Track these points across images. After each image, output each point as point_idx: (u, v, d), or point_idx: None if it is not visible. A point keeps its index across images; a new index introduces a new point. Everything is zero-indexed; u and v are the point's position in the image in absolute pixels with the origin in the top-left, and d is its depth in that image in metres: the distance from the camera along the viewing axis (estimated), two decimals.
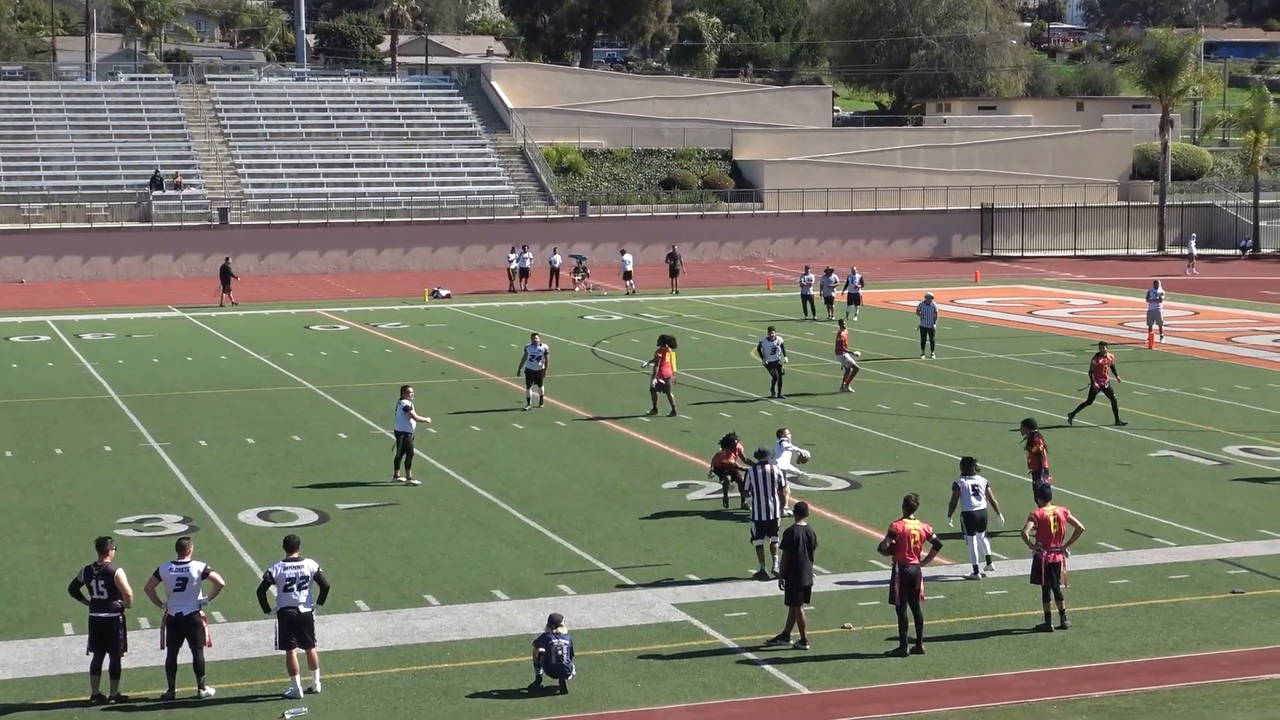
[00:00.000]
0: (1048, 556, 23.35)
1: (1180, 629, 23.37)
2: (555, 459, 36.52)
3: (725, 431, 39.45)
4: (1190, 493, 32.46)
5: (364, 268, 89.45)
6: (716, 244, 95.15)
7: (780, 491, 26.35)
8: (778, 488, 26.20)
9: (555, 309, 69.51)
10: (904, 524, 22.72)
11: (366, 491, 33.14)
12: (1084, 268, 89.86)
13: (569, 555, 27.93)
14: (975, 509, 26.21)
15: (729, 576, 26.30)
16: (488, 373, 50.18)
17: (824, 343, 56.55)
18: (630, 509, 31.44)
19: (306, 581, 21.08)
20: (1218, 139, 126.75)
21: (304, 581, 21.06)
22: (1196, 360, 51.77)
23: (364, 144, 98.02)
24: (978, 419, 41.00)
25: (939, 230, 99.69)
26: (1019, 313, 66.61)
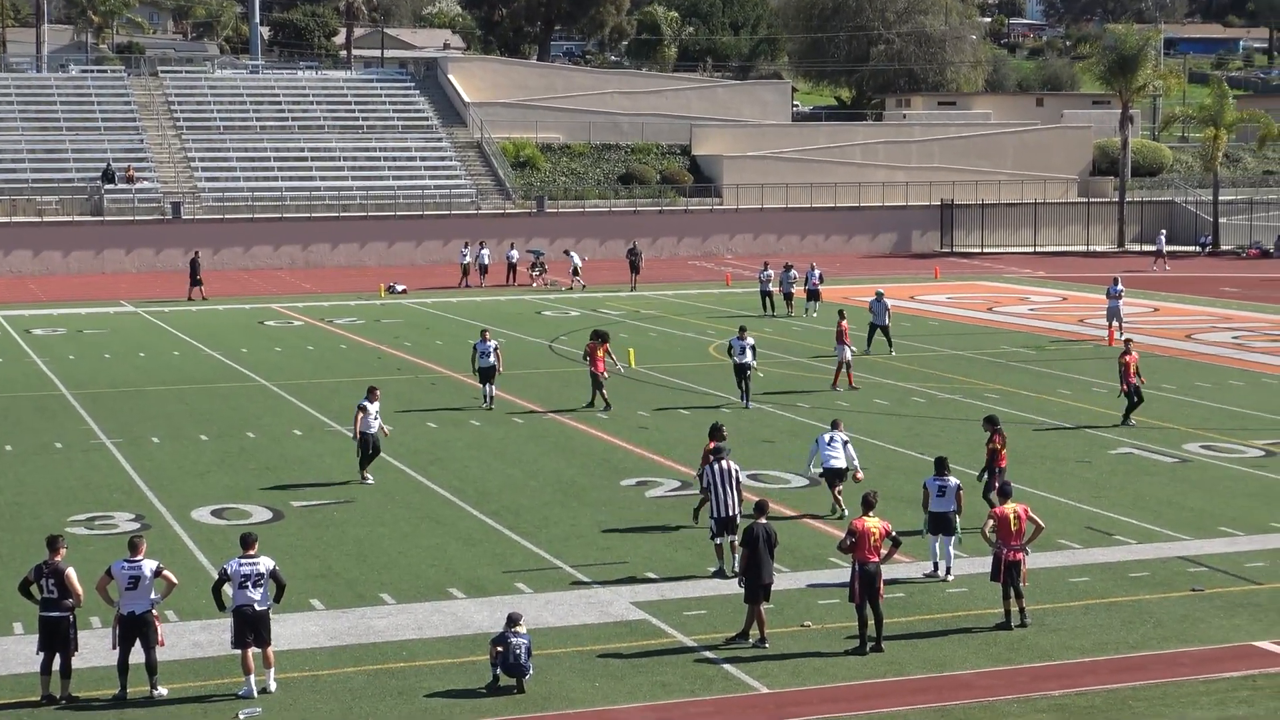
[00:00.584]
0: (1008, 554, 23.43)
1: (1140, 627, 23.47)
2: (512, 456, 36.47)
3: (686, 428, 39.48)
4: (1150, 490, 32.61)
5: (319, 263, 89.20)
6: (675, 240, 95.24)
7: (740, 488, 26.32)
8: (737, 484, 26.19)
9: (512, 305, 69.42)
10: (863, 522, 22.73)
11: (321, 489, 33.03)
12: (1044, 264, 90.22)
13: (526, 553, 27.89)
14: (941, 510, 26.24)
15: (688, 575, 26.29)
16: (444, 369, 50.08)
17: (783, 339, 56.67)
18: (588, 506, 31.42)
19: (262, 579, 20.98)
20: (1177, 135, 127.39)
21: (259, 579, 20.96)
22: (1156, 357, 52.00)
23: (319, 137, 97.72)
24: (937, 416, 41.10)
25: (899, 226, 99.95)
26: (979, 309, 66.83)
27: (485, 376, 42.44)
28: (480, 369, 42.42)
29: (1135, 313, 62.11)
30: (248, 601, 20.91)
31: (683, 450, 36.80)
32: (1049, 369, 49.47)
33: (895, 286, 76.39)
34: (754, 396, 43.59)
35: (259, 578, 20.97)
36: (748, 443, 36.94)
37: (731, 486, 26.02)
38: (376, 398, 34.00)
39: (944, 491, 26.21)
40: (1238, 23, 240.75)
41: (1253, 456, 36.07)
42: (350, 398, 44.50)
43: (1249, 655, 22.21)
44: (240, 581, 20.95)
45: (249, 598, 20.91)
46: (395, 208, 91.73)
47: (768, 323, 61.75)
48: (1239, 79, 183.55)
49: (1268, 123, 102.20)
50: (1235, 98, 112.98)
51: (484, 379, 42.52)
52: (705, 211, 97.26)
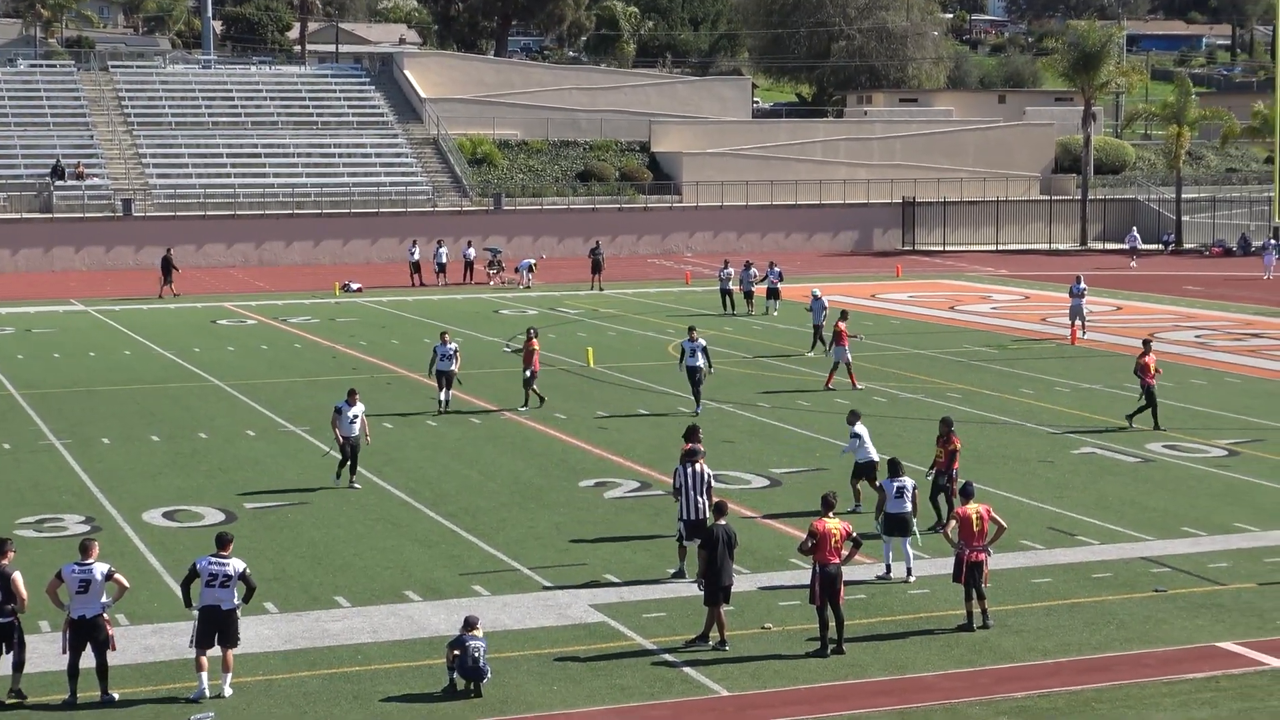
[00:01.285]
0: (970, 555, 23.50)
1: (1103, 628, 23.56)
2: (469, 457, 36.42)
3: (645, 429, 39.51)
4: (1113, 490, 32.75)
5: (273, 260, 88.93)
6: (634, 237, 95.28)
7: (710, 492, 26.27)
8: (708, 488, 26.07)
9: (469, 304, 69.34)
10: (824, 523, 22.73)
11: (275, 490, 32.93)
12: (1006, 262, 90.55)
13: (483, 555, 27.86)
14: (898, 510, 26.28)
15: (647, 577, 26.29)
16: (400, 369, 50.00)
17: (744, 338, 56.73)
18: (546, 508, 31.39)
19: (231, 580, 20.98)
20: (1140, 133, 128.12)
21: (228, 580, 20.96)
22: (1119, 356, 52.22)
23: (272, 134, 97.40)
24: (899, 415, 41.19)
25: (860, 224, 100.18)
26: (940, 308, 67.03)
27: (443, 380, 41.91)
28: (439, 372, 41.80)
29: (1098, 311, 62.37)
30: (214, 602, 20.91)
31: (641, 450, 36.82)
32: (1011, 368, 49.66)
33: (856, 285, 76.58)
34: (717, 396, 43.61)
35: (227, 579, 20.96)
36: (707, 443, 36.90)
37: (702, 490, 25.88)
38: (357, 401, 33.31)
39: (901, 493, 26.30)
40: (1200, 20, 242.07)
41: (1216, 456, 36.26)
42: (304, 398, 44.43)
43: (1212, 656, 22.32)
44: (208, 580, 20.95)
45: (215, 597, 20.91)
46: (350, 205, 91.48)
47: (728, 321, 61.81)
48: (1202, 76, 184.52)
49: (1230, 120, 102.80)
50: (1198, 95, 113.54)
51: (442, 383, 41.99)
52: (665, 209, 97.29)
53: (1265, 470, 34.66)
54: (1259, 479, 33.79)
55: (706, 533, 23.13)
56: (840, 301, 67.90)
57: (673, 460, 34.94)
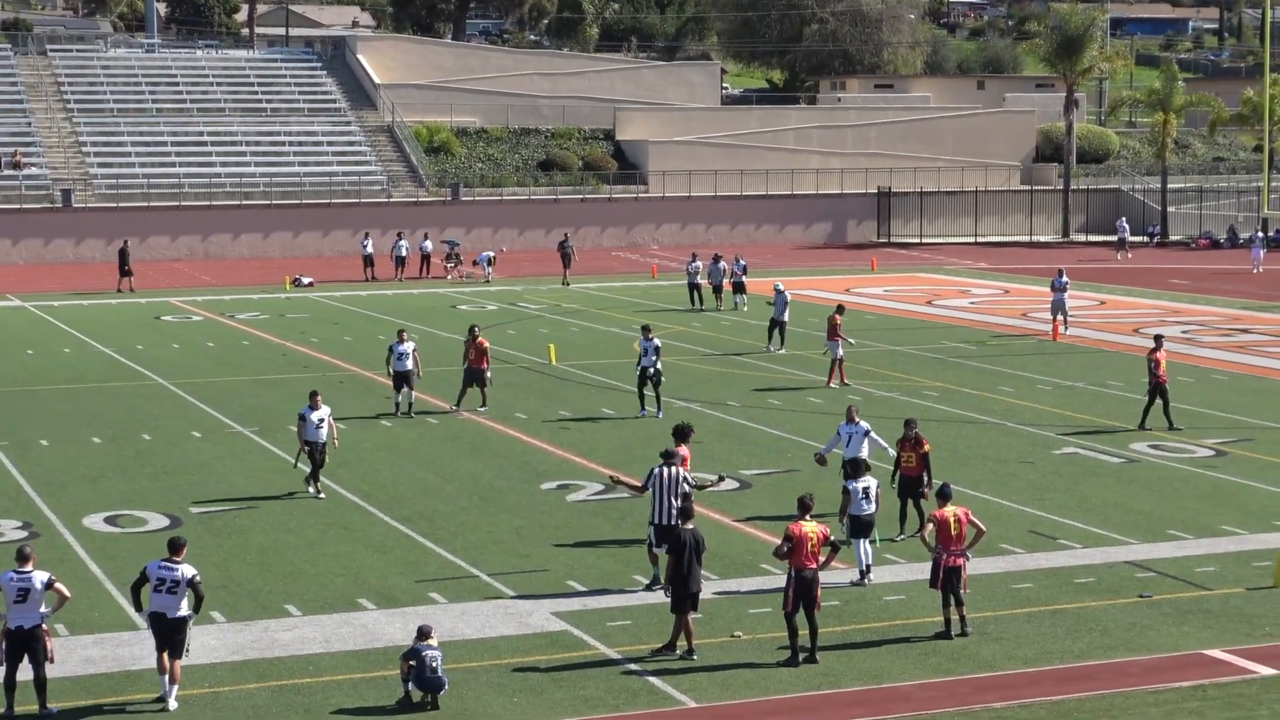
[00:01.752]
0: (947, 560, 23.55)
1: (1086, 635, 23.65)
2: (426, 458, 36.38)
3: (609, 429, 39.51)
4: (1096, 492, 32.86)
5: (219, 254, 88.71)
6: (598, 229, 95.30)
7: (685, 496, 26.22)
8: (680, 492, 25.99)
9: (426, 298, 69.27)
10: (800, 526, 22.74)
11: (222, 494, 32.84)
12: (985, 255, 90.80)
13: (441, 561, 27.83)
14: (864, 512, 26.35)
15: (612, 583, 26.30)
16: (353, 366, 49.93)
17: (712, 334, 56.77)
18: (506, 511, 31.38)
19: (178, 587, 20.97)
20: (1124, 120, 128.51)
21: (175, 585, 20.95)
22: (1103, 353, 52.45)
23: (219, 121, 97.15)
24: (874, 415, 41.19)
25: (833, 215, 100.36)
26: (918, 302, 67.18)
27: (401, 381, 41.31)
28: (396, 372, 41.24)
29: (1081, 305, 62.58)
30: (160, 608, 20.94)
31: (605, 451, 36.83)
32: (991, 365, 49.81)
33: (830, 279, 76.69)
34: (684, 395, 43.67)
35: (175, 584, 20.94)
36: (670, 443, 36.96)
37: (675, 494, 25.72)
38: (320, 403, 32.89)
39: (867, 494, 26.39)
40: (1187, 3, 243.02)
41: (1202, 456, 36.41)
42: (252, 398, 44.34)
43: (1198, 664, 22.42)
44: (155, 585, 20.99)
45: (161, 604, 20.93)
46: (301, 195, 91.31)
47: (696, 317, 61.85)
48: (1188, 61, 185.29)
49: (1218, 107, 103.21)
50: (1184, 81, 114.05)
51: (399, 383, 41.41)
52: (630, 200, 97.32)
53: (1253, 471, 34.83)
54: (1247, 480, 33.95)
55: (673, 537, 23.14)
56: (813, 296, 67.94)
57: (638, 462, 35.01)
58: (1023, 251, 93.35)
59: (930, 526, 23.79)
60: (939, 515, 23.77)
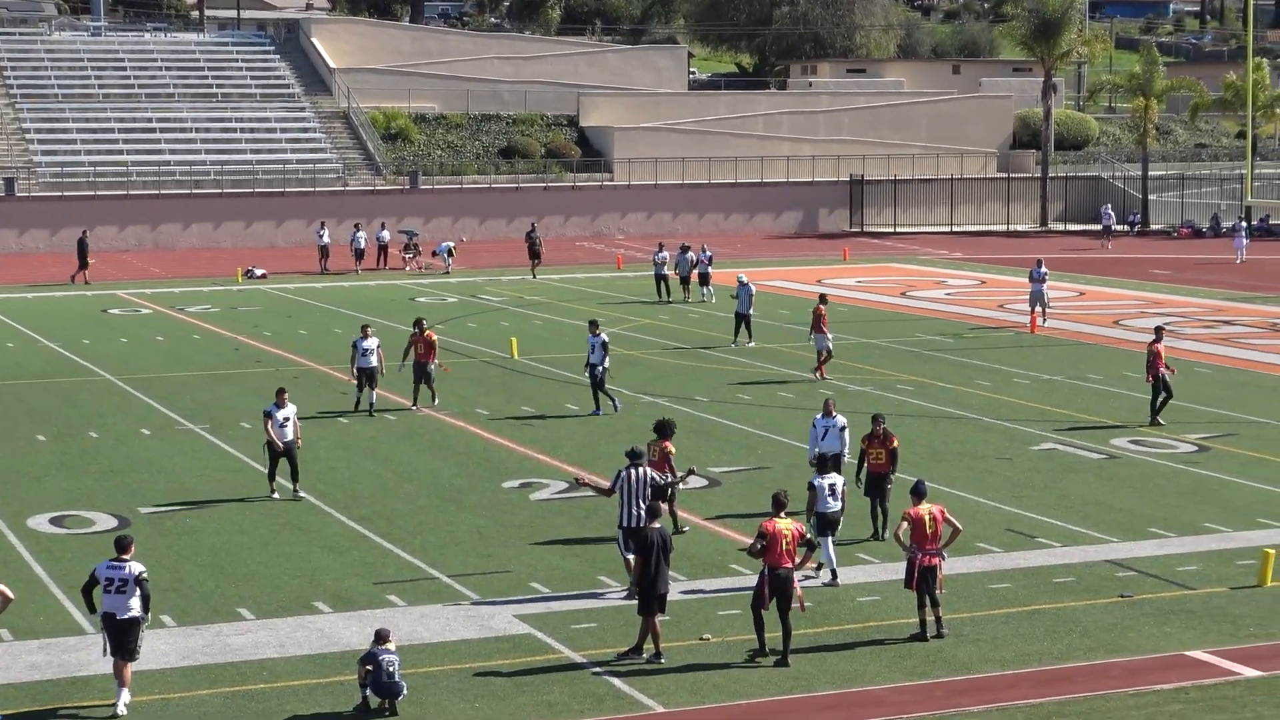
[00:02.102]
0: (923, 559, 23.58)
1: (1065, 636, 23.71)
2: (383, 456, 36.32)
3: (574, 425, 39.47)
4: (1075, 489, 32.95)
5: (169, 244, 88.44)
6: (562, 219, 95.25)
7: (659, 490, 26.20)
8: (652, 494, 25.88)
9: (384, 290, 69.16)
10: (775, 523, 22.83)
11: (172, 493, 32.75)
12: (961, 245, 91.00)
13: (399, 563, 27.79)
14: (830, 510, 26.41)
15: (577, 585, 26.29)
16: (308, 361, 49.82)
17: (679, 327, 56.79)
18: (467, 511, 31.36)
19: (127, 585, 21.02)
20: (1104, 105, 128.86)
21: (124, 585, 21.01)
22: (1082, 345, 52.60)
23: (168, 107, 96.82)
24: (847, 410, 41.21)
25: (804, 204, 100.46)
26: (891, 294, 67.29)
27: (365, 379, 40.88)
28: (360, 369, 40.73)
29: (1059, 297, 62.74)
30: (110, 608, 21.00)
31: (570, 449, 36.82)
32: (967, 359, 49.92)
33: (801, 269, 76.77)
34: (651, 389, 43.66)
35: (123, 583, 20.99)
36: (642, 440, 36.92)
37: (644, 497, 25.63)
38: (286, 401, 32.56)
39: (834, 491, 26.45)
40: None
41: (1185, 452, 36.54)
42: (204, 394, 44.22)
43: (1181, 665, 22.50)
44: (105, 585, 21.05)
45: (111, 604, 20.99)
46: (254, 184, 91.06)
47: (663, 309, 61.85)
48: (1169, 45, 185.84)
49: (1200, 91, 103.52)
50: (1166, 65, 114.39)
51: (363, 382, 40.95)
52: (594, 188, 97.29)
53: (1237, 466, 34.96)
54: (1230, 476, 34.08)
55: (640, 537, 23.14)
56: (783, 288, 68.00)
57: (603, 459, 35.00)
58: (1000, 241, 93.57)
59: (905, 525, 23.81)
60: (914, 513, 23.80)
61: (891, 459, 28.94)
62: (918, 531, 23.67)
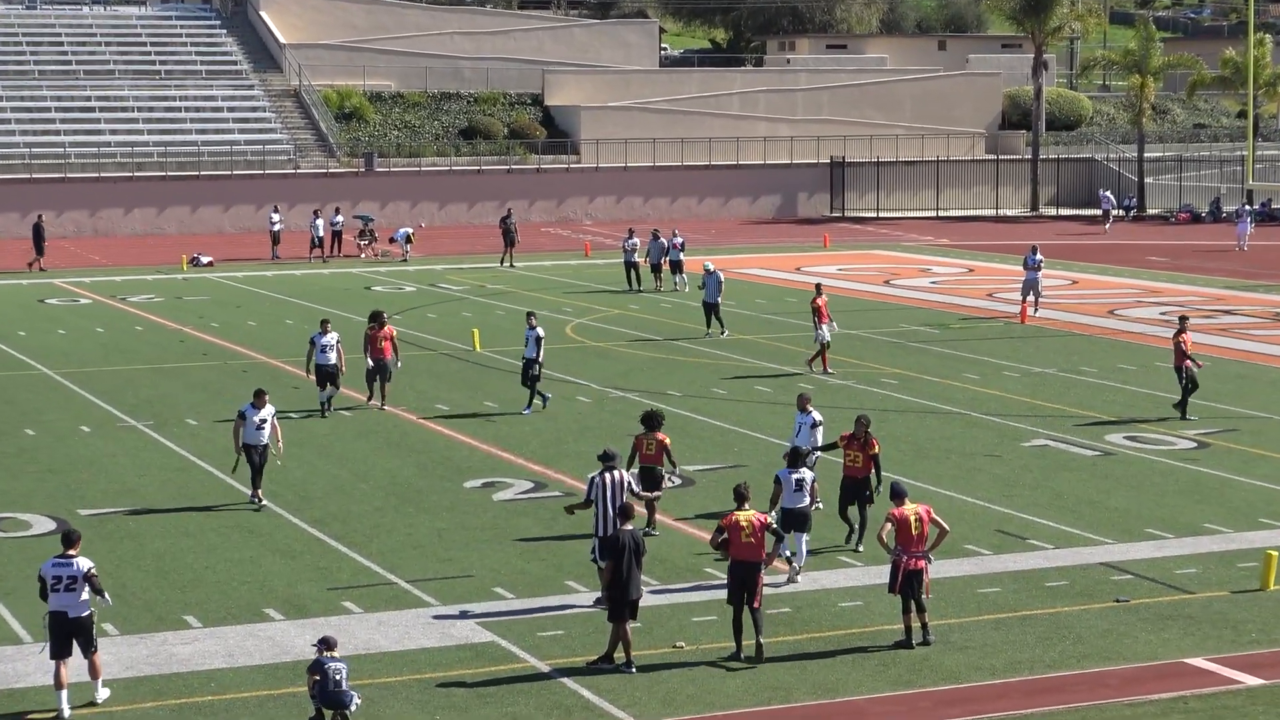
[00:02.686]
0: (908, 562, 23.61)
1: (1058, 643, 23.78)
2: (338, 455, 36.27)
3: (540, 421, 39.43)
4: (1069, 487, 33.03)
5: (110, 230, 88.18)
6: (526, 203, 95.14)
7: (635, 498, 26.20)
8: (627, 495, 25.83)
9: (338, 279, 69.03)
10: (734, 516, 23.22)
11: (114, 494, 32.67)
12: (947, 230, 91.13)
13: (355, 567, 27.77)
14: (798, 505, 26.53)
15: (543, 590, 26.29)
16: (257, 354, 49.72)
17: (651, 318, 56.79)
18: (426, 512, 31.34)
19: (76, 582, 21.21)
20: (1098, 83, 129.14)
21: (73, 582, 21.21)
22: (1075, 336, 52.72)
23: (108, 84, 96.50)
24: (827, 404, 41.31)
25: (783, 187, 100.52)
26: (874, 282, 67.38)
27: (324, 378, 40.05)
28: (318, 367, 39.93)
29: (1052, 285, 62.80)
30: (60, 607, 21.13)
31: (536, 445, 36.81)
32: (954, 350, 50.00)
33: (779, 256, 76.83)
34: (620, 384, 43.66)
35: (73, 580, 21.17)
36: (613, 437, 37.04)
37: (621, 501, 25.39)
38: (265, 403, 31.88)
39: (801, 485, 26.55)
40: None
41: (1183, 449, 36.65)
42: (147, 389, 44.12)
43: (1180, 674, 22.59)
44: (52, 583, 21.18)
45: (61, 603, 21.13)
46: (199, 166, 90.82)
47: (633, 299, 61.82)
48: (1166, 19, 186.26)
49: (1199, 68, 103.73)
50: (1163, 40, 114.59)
51: (322, 380, 40.15)
52: (560, 171, 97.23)
53: (1238, 464, 35.08)
54: (1231, 474, 34.19)
55: (611, 539, 23.15)
56: (761, 276, 68.01)
57: (570, 457, 35.03)
58: (988, 226, 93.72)
59: (889, 526, 23.85)
60: (898, 514, 23.82)
61: (873, 465, 28.64)
62: (902, 533, 23.72)
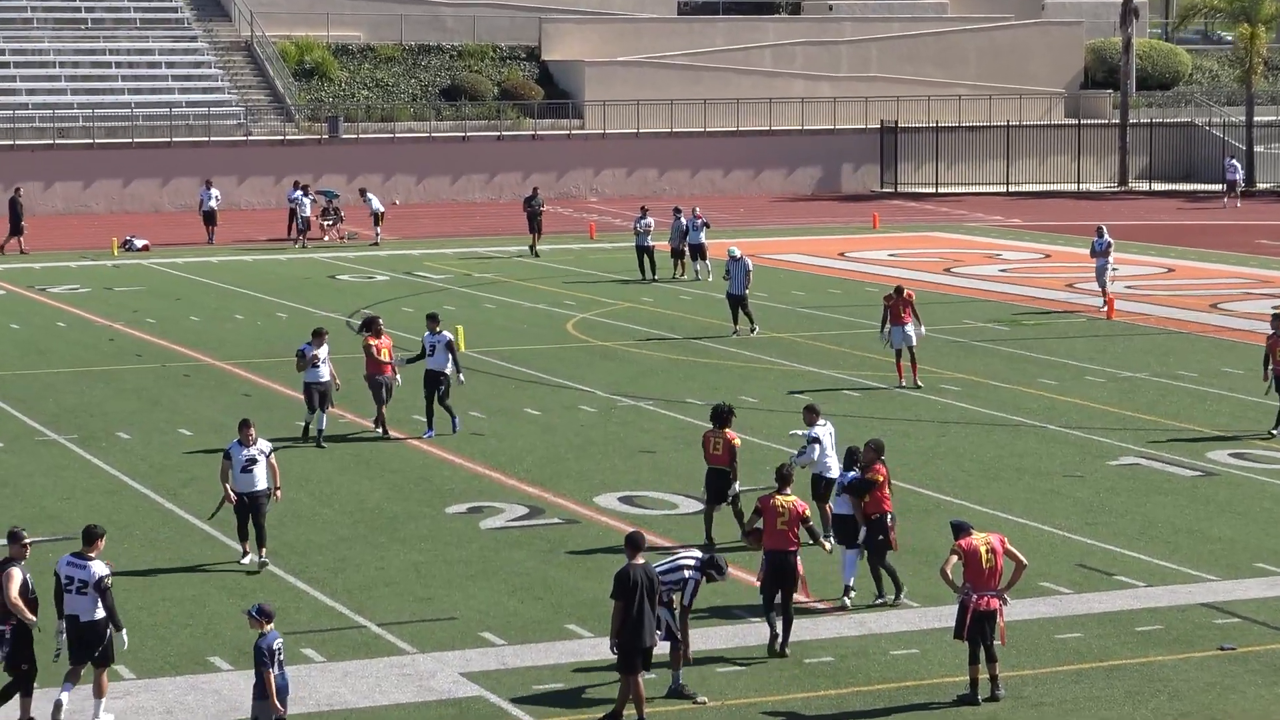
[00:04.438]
0: (979, 602, 23.32)
1: (1151, 699, 23.75)
2: (298, 475, 36.19)
3: (536, 434, 39.39)
4: (1164, 514, 32.94)
5: (27, 208, 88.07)
6: (519, 175, 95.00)
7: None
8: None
9: (297, 266, 68.98)
10: (773, 499, 24.75)
11: (32, 519, 32.59)
12: (1020, 209, 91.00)
13: (316, 607, 27.75)
14: (848, 512, 26.90)
15: (538, 635, 26.25)
16: (201, 355, 49.68)
17: (669, 312, 56.67)
18: (401, 543, 31.30)
19: (89, 589, 21.97)
20: (1199, 33, 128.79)
21: (84, 586, 21.98)
22: (1171, 334, 52.57)
23: (24, 35, 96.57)
24: (876, 415, 41.29)
25: (824, 158, 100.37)
26: (933, 270, 67.26)
27: (315, 396, 38.36)
28: (307, 384, 38.38)
29: (1142, 274, 62.73)
30: (74, 610, 22.02)
31: (531, 463, 36.76)
32: (1028, 351, 49.88)
33: (819, 240, 76.73)
34: (629, 391, 43.63)
35: (84, 585, 22.03)
36: (620, 454, 37.03)
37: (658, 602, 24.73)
38: (254, 437, 30.17)
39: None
40: None
41: None
42: (71, 395, 44.12)
43: None
44: (65, 583, 22.08)
45: (74, 605, 22.02)
46: (133, 133, 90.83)
47: (648, 290, 61.64)
48: None
49: None
50: None
51: (314, 401, 38.46)
52: (561, 138, 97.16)
53: None
54: None
55: (620, 576, 23.02)
56: (798, 264, 67.94)
57: (571, 478, 35.00)
58: (1068, 204, 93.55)
59: (955, 560, 23.58)
60: (966, 545, 23.58)
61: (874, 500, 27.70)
62: (972, 568, 23.45)
